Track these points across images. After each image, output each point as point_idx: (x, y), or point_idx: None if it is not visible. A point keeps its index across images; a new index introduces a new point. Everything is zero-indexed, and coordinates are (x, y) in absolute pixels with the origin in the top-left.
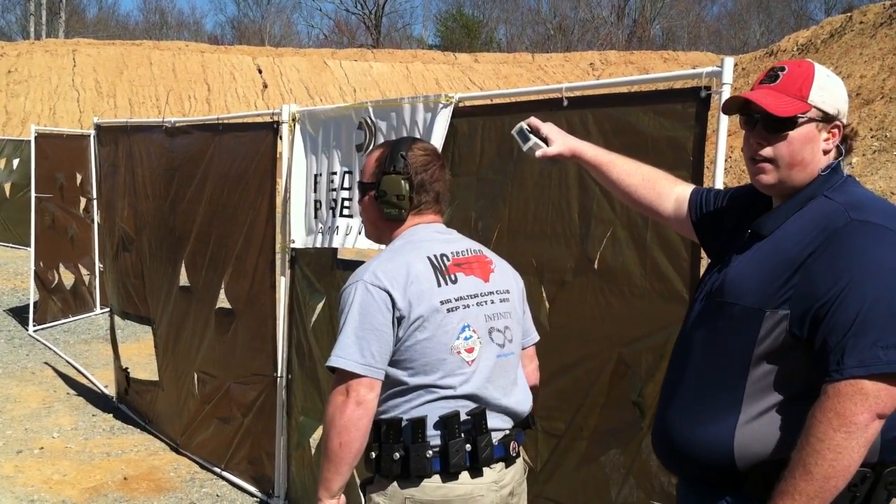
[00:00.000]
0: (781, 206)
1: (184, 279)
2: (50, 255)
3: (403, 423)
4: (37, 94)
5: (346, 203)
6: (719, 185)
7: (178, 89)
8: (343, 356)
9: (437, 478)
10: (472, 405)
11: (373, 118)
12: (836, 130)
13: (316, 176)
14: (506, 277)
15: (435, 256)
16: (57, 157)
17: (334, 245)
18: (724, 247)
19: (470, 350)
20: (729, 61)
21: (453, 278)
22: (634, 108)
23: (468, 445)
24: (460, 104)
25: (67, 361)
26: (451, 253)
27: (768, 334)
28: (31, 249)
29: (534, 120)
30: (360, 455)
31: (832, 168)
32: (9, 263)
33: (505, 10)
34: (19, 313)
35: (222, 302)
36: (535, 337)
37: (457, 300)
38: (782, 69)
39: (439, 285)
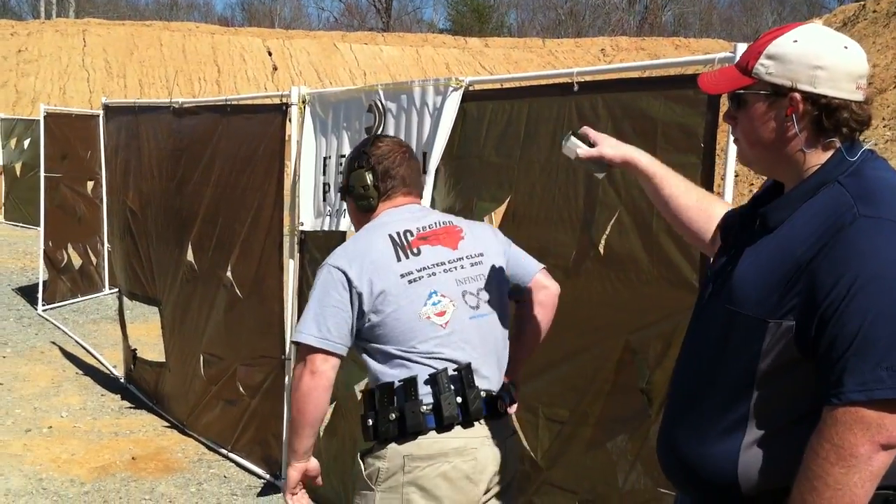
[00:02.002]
0: (791, 191)
1: (190, 260)
2: (59, 235)
3: (396, 385)
4: (47, 74)
5: None
6: (731, 173)
7: (188, 70)
8: (302, 331)
9: (432, 433)
10: (453, 365)
11: (383, 101)
12: (795, 105)
13: (325, 158)
14: (479, 241)
15: (397, 234)
16: (65, 137)
17: (342, 228)
18: (737, 234)
19: (440, 314)
20: (741, 47)
21: (416, 251)
22: (645, 94)
23: (458, 398)
24: (470, 88)
25: (76, 341)
26: (417, 228)
27: (772, 348)
28: (41, 229)
29: (587, 128)
30: (320, 421)
31: (843, 149)
32: (18, 243)
33: None
34: (29, 293)
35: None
36: (535, 268)
37: (419, 271)
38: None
39: (399, 260)
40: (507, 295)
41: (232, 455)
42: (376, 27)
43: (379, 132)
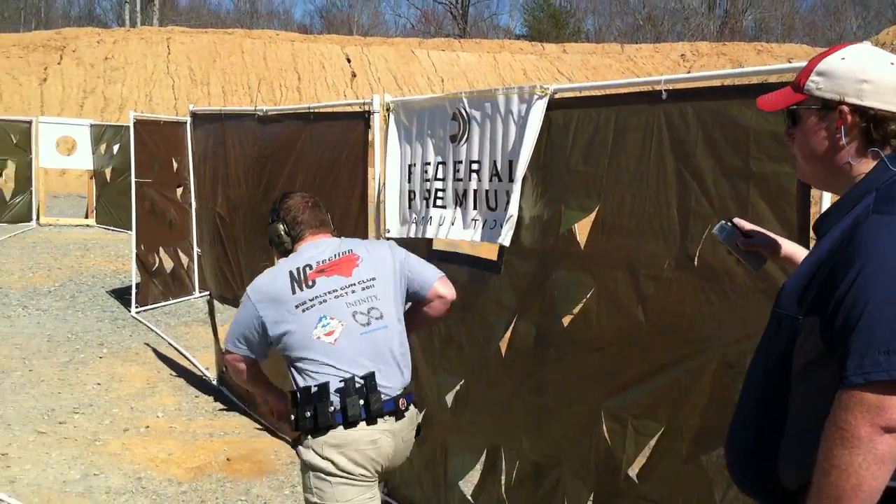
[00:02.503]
0: (839, 201)
1: None
2: (150, 239)
3: (312, 390)
4: (133, 81)
5: (440, 193)
6: None
7: (270, 78)
8: (227, 339)
9: (340, 427)
10: (359, 372)
11: (467, 109)
12: (843, 117)
13: (410, 166)
14: (373, 266)
15: (297, 269)
16: (154, 143)
17: (428, 235)
18: None
19: (329, 333)
20: None
21: (311, 283)
22: (736, 102)
23: (361, 401)
24: (556, 95)
25: (169, 343)
26: (317, 262)
27: (803, 344)
28: (133, 233)
29: (740, 220)
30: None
31: (886, 158)
32: (110, 246)
33: (593, 0)
34: (121, 295)
35: None
36: (433, 278)
37: (311, 300)
38: None
39: (294, 292)
40: (402, 308)
41: None
42: (453, 33)
43: (463, 140)
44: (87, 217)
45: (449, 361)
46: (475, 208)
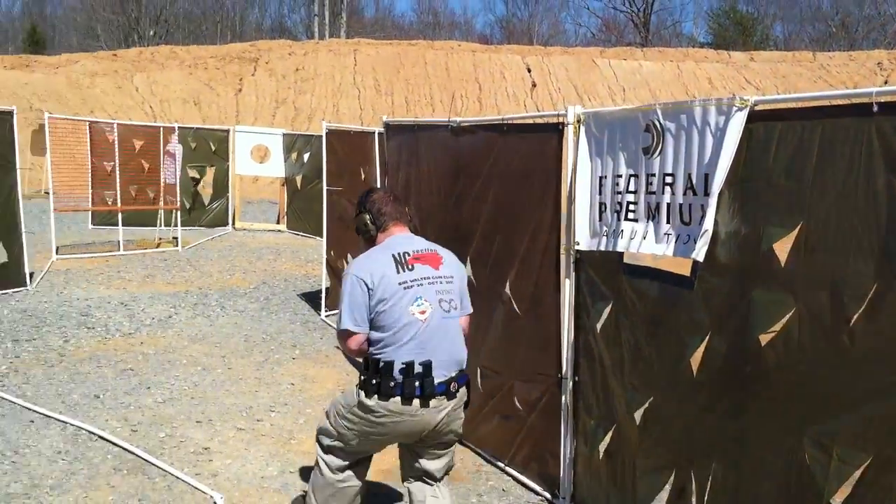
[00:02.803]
0: None
1: (469, 275)
2: (339, 245)
3: (381, 364)
4: (321, 92)
5: (632, 206)
6: None
7: (451, 88)
8: (343, 322)
9: (398, 399)
10: (424, 354)
11: (661, 121)
12: None
13: (601, 178)
14: (451, 268)
15: (398, 254)
16: (344, 153)
17: (619, 249)
18: None
19: (422, 312)
20: None
21: (410, 267)
22: None
23: (417, 383)
24: (756, 107)
25: None
26: (412, 251)
27: None
28: (324, 239)
29: None
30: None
31: None
32: (300, 251)
33: (782, 6)
34: (312, 298)
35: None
36: (468, 308)
37: (412, 281)
38: None
39: (398, 272)
40: (465, 305)
41: (509, 469)
42: (634, 42)
43: (657, 152)
44: (278, 222)
45: (638, 377)
46: (668, 222)
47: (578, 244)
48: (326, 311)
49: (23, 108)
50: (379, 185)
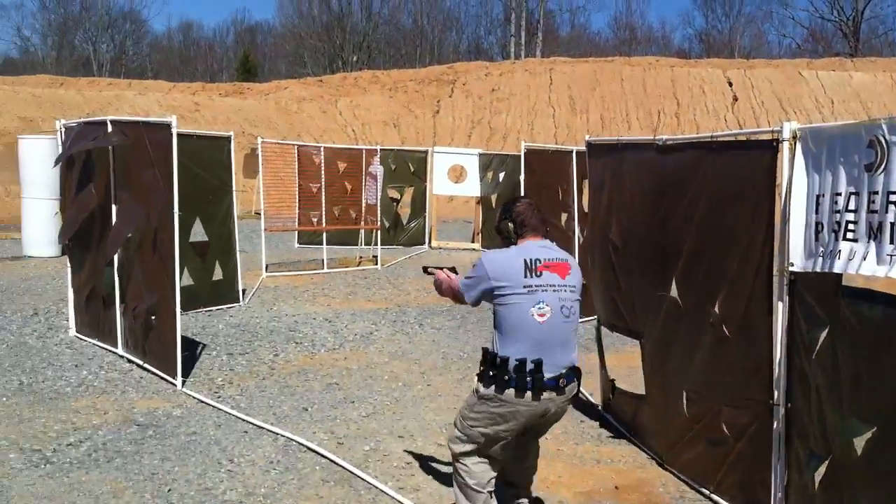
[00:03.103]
0: None
1: (674, 296)
2: None
3: (498, 359)
4: (516, 111)
5: (851, 226)
6: None
7: (647, 104)
8: (463, 285)
9: (511, 391)
10: (537, 352)
11: (887, 136)
12: None
13: (818, 196)
14: (576, 278)
15: (530, 259)
16: (542, 171)
17: (836, 270)
18: None
19: (542, 315)
20: None
21: (538, 273)
22: None
23: (529, 378)
24: None
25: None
26: (545, 258)
27: None
28: None
29: None
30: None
31: None
32: None
33: None
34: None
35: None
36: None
37: (537, 286)
38: None
39: (525, 276)
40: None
41: (714, 496)
42: (843, 52)
43: (881, 169)
44: (472, 241)
45: (859, 405)
46: (892, 242)
47: (793, 265)
48: None
49: (236, 133)
50: (572, 203)
